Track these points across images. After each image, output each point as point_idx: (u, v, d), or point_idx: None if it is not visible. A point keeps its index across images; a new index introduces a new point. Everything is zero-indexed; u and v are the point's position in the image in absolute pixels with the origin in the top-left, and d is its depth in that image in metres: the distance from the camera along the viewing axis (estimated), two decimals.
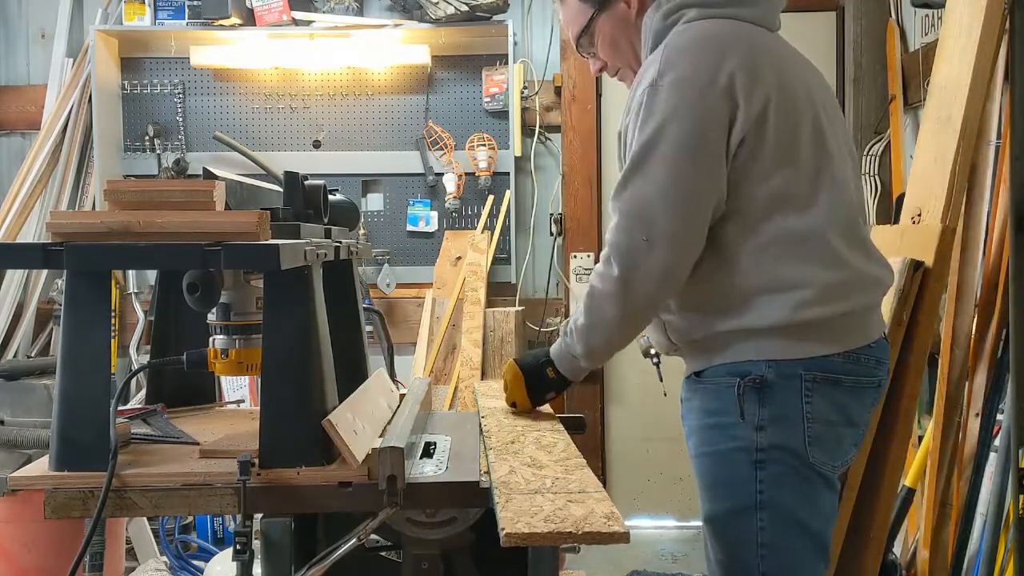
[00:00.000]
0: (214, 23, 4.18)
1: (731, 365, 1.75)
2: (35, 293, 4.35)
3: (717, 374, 1.77)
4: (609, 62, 1.96)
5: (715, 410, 1.77)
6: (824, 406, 1.72)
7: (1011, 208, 2.52)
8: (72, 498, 1.49)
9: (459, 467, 1.60)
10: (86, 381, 1.50)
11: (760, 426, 1.72)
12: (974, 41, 2.59)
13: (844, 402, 1.75)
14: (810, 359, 1.72)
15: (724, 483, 1.76)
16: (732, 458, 1.74)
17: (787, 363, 1.71)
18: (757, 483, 1.72)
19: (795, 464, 1.72)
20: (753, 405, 1.72)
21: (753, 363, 1.72)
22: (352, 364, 1.89)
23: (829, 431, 1.73)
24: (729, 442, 1.74)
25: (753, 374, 1.72)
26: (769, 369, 1.72)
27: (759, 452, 1.72)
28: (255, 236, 1.45)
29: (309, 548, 1.73)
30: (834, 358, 1.73)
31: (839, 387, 1.74)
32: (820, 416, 1.72)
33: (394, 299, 4.43)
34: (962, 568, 2.75)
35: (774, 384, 1.72)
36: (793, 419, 1.72)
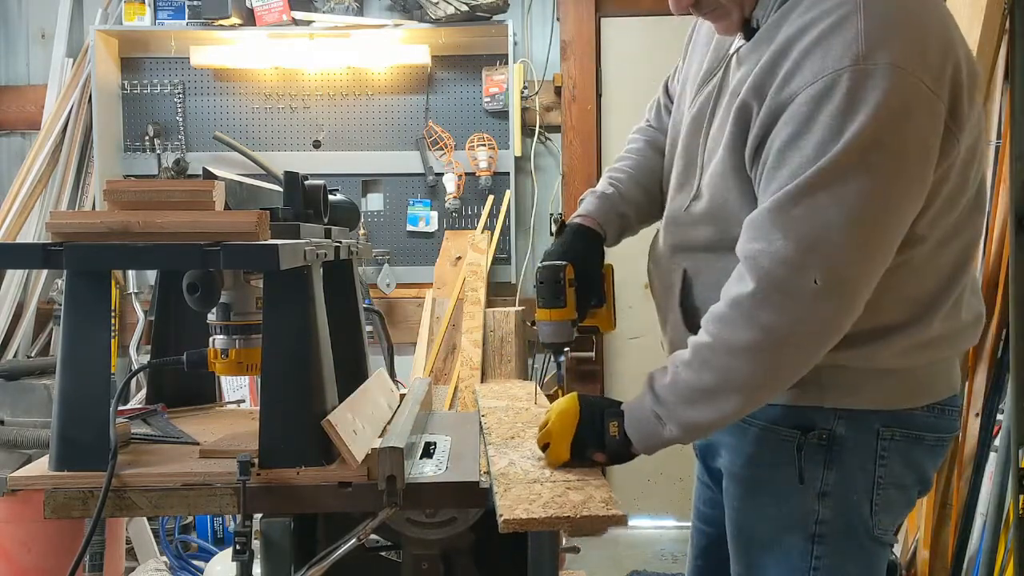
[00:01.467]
0: (214, 23, 4.18)
1: (789, 409, 1.42)
2: (35, 293, 4.35)
3: (769, 417, 1.44)
4: None
5: (764, 462, 1.46)
6: (900, 468, 1.42)
7: (1011, 208, 2.52)
8: (72, 498, 1.49)
9: (459, 467, 1.60)
10: (86, 381, 1.50)
11: (823, 492, 1.41)
12: (974, 41, 2.59)
13: (922, 462, 1.45)
14: (889, 411, 1.40)
15: (768, 552, 1.47)
16: (782, 526, 1.45)
17: (861, 415, 1.40)
18: (812, 559, 1.43)
19: (858, 537, 1.43)
20: (817, 468, 1.41)
21: (819, 411, 1.40)
22: (352, 364, 1.89)
23: (900, 496, 1.45)
24: (781, 507, 1.45)
25: (819, 427, 1.40)
26: (839, 422, 1.40)
27: (818, 525, 1.42)
28: (255, 236, 1.45)
29: (309, 548, 1.73)
30: (917, 410, 1.42)
31: (920, 445, 1.43)
32: (894, 480, 1.42)
33: (394, 299, 4.43)
34: (962, 568, 2.75)
35: (845, 441, 1.40)
36: (862, 486, 1.41)
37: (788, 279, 1.26)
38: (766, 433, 1.45)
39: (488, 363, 4.09)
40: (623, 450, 1.49)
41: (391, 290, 4.43)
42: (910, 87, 1.22)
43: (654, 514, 4.58)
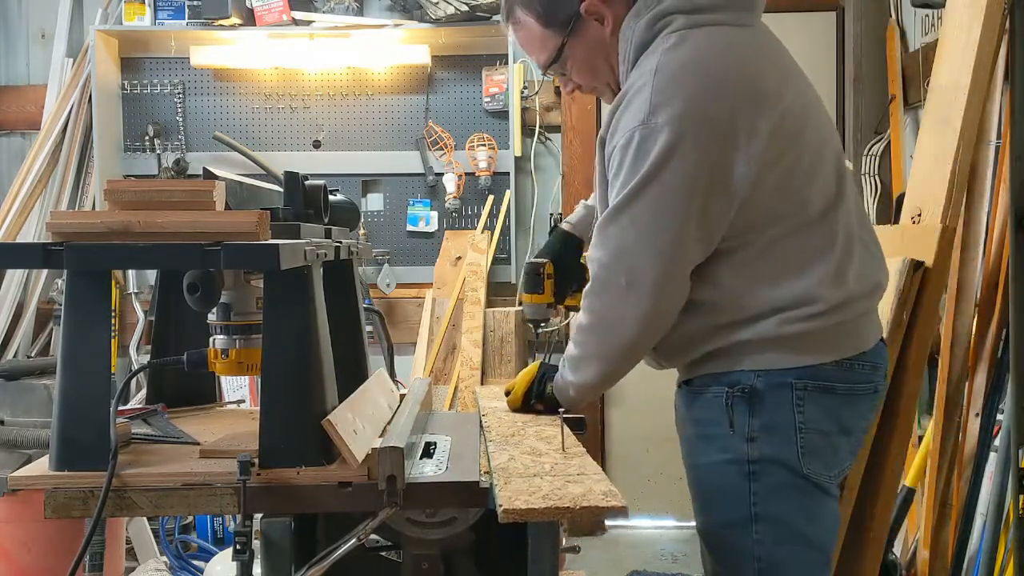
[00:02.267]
0: (214, 23, 4.18)
1: (719, 375, 1.70)
2: (35, 293, 4.36)
3: (704, 383, 1.74)
4: (584, 84, 1.86)
5: (704, 420, 1.73)
6: (817, 415, 1.67)
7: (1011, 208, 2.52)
8: (72, 498, 1.48)
9: (459, 467, 1.60)
10: (86, 381, 1.50)
11: (751, 437, 1.67)
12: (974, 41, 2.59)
13: (838, 410, 1.70)
14: (801, 368, 1.66)
15: (717, 495, 1.73)
16: (723, 470, 1.70)
17: (776, 372, 1.66)
18: (751, 495, 1.68)
19: (789, 476, 1.67)
20: (743, 416, 1.67)
21: (742, 372, 1.68)
22: (352, 364, 1.89)
23: (824, 440, 1.69)
24: (719, 454, 1.70)
25: (742, 384, 1.67)
26: (758, 379, 1.67)
27: (751, 464, 1.67)
28: (255, 236, 1.45)
29: (309, 548, 1.73)
30: (827, 366, 1.67)
31: (833, 395, 1.68)
32: (814, 426, 1.67)
33: (394, 299, 4.43)
34: (962, 568, 2.75)
35: (763, 394, 1.67)
36: (785, 430, 1.67)
37: (606, 279, 1.67)
38: (703, 397, 1.73)
39: (488, 363, 4.10)
40: (553, 403, 1.86)
41: (391, 290, 4.43)
42: (681, 137, 1.57)
43: (654, 514, 4.58)
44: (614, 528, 4.55)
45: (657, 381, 2.28)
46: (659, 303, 1.65)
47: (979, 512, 2.73)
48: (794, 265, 1.66)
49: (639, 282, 1.63)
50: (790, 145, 1.64)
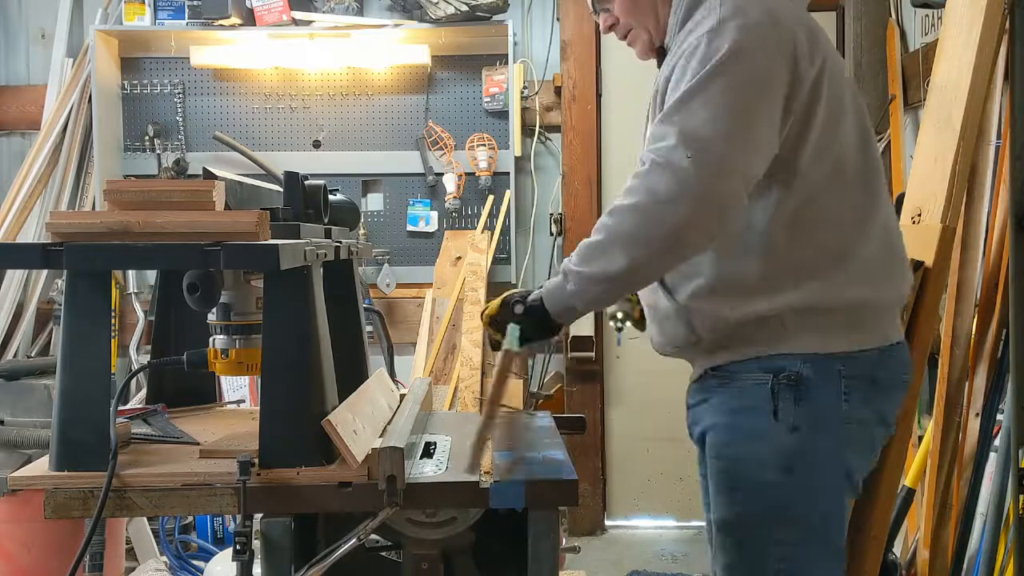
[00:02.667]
0: (214, 23, 4.18)
1: (763, 360, 1.64)
2: (35, 293, 4.35)
3: (746, 369, 1.66)
4: (623, 19, 1.81)
5: (743, 408, 1.66)
6: (860, 406, 1.64)
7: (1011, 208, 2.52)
8: (72, 498, 1.49)
9: (459, 467, 1.60)
10: (86, 381, 1.50)
11: (795, 427, 1.62)
12: (974, 41, 2.58)
13: (881, 401, 1.67)
14: (847, 355, 1.63)
15: (749, 488, 1.66)
16: (760, 462, 1.64)
17: (825, 359, 1.62)
18: (786, 490, 1.62)
19: (827, 470, 1.63)
20: (788, 405, 1.61)
21: (787, 357, 1.62)
22: (352, 364, 1.89)
23: (863, 432, 1.66)
24: (758, 444, 1.64)
25: (788, 370, 1.62)
26: (805, 365, 1.62)
27: (792, 457, 1.62)
28: (255, 236, 1.45)
29: (309, 548, 1.73)
30: (871, 353, 1.65)
31: (876, 385, 1.65)
32: (856, 417, 1.63)
33: (394, 299, 4.43)
34: (962, 568, 2.75)
35: (811, 382, 1.61)
36: (830, 421, 1.62)
37: (669, 156, 1.53)
38: (743, 384, 1.66)
39: (488, 363, 4.09)
40: (537, 305, 1.65)
41: (391, 290, 4.43)
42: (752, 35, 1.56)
43: (654, 514, 4.58)
44: (614, 528, 4.56)
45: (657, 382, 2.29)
46: (720, 186, 1.53)
47: (979, 512, 2.73)
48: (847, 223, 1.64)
49: (706, 159, 1.51)
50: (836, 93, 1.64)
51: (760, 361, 1.64)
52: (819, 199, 1.62)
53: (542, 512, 1.52)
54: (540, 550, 1.51)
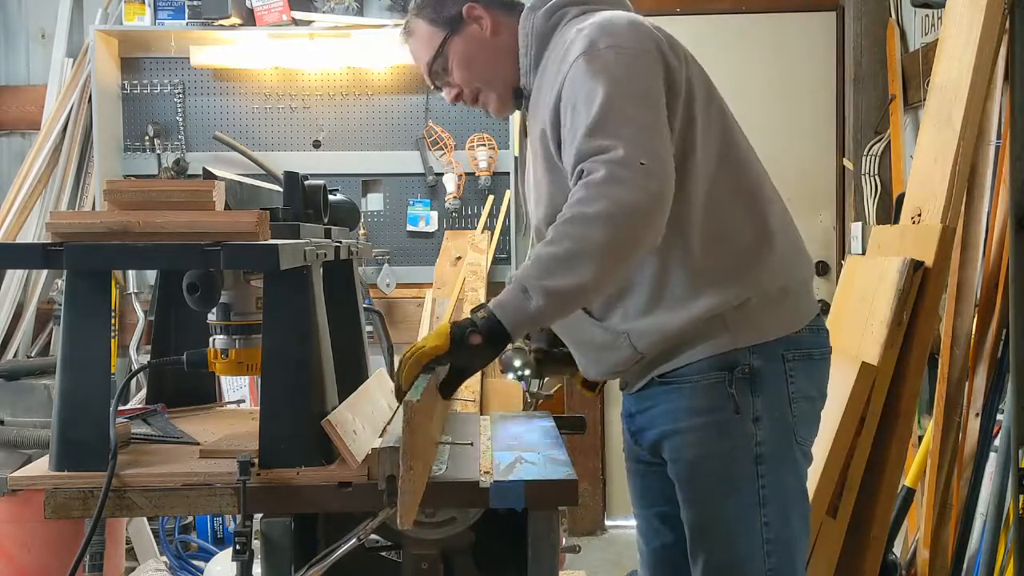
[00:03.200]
0: (214, 23, 4.18)
1: (713, 359, 1.67)
2: (35, 293, 4.35)
3: (696, 371, 1.68)
4: (465, 86, 1.82)
5: (703, 408, 1.68)
6: (804, 382, 1.71)
7: (1011, 208, 2.52)
8: (72, 498, 1.49)
9: (459, 467, 1.60)
10: (86, 381, 1.50)
11: (756, 417, 1.67)
12: (974, 41, 2.59)
13: (818, 376, 1.75)
14: (785, 338, 1.69)
15: (727, 485, 1.69)
16: (733, 458, 1.68)
17: (769, 346, 1.68)
18: (759, 479, 1.68)
19: (787, 450, 1.70)
20: (746, 397, 1.67)
21: (738, 352, 1.67)
22: (352, 364, 1.89)
23: (809, 406, 1.73)
24: (727, 441, 1.68)
25: (741, 364, 1.67)
26: (754, 356, 1.67)
27: (758, 446, 1.67)
28: (255, 236, 1.45)
29: (309, 548, 1.73)
30: (802, 332, 1.72)
31: (811, 361, 1.73)
32: (803, 394, 1.70)
33: (394, 299, 4.43)
34: (962, 568, 2.75)
35: (762, 371, 1.67)
36: (781, 403, 1.69)
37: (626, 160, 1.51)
38: (697, 386, 1.68)
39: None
40: (495, 325, 1.51)
41: (391, 290, 4.43)
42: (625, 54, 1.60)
43: None
44: (614, 528, 4.55)
45: None
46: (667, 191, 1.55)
47: (979, 512, 2.73)
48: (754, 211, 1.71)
49: (655, 168, 1.52)
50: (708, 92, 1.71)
51: (711, 360, 1.67)
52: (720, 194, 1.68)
53: (542, 512, 1.52)
54: (540, 550, 1.51)
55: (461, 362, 1.53)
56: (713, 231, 1.66)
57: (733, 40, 4.47)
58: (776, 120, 4.48)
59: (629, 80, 1.58)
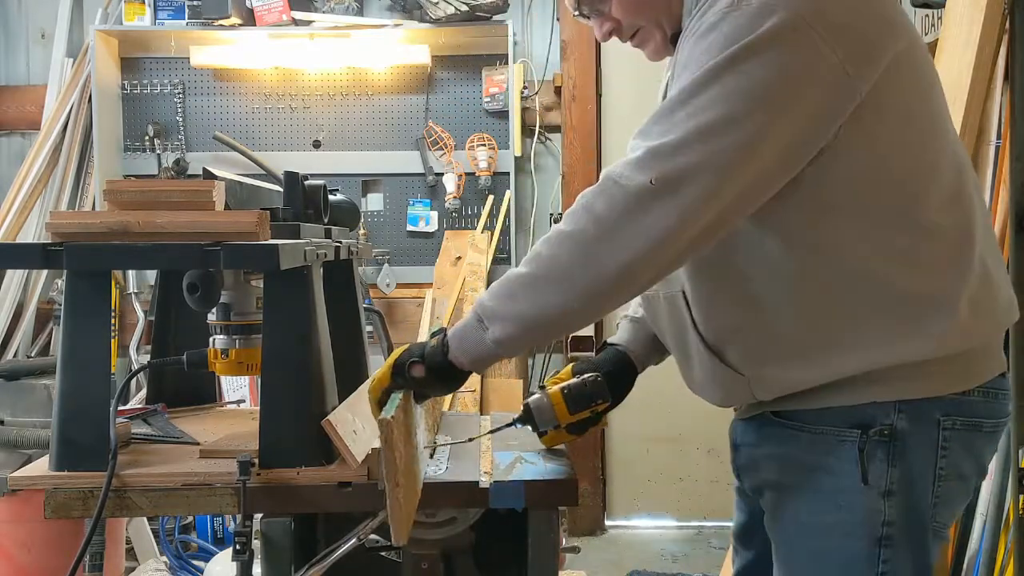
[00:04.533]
0: (214, 23, 4.18)
1: (846, 410, 1.34)
2: (35, 293, 4.35)
3: (825, 420, 1.36)
4: (625, 20, 1.46)
5: (822, 467, 1.37)
6: (960, 458, 1.37)
7: (1011, 208, 2.52)
8: (72, 498, 1.49)
9: (459, 467, 1.60)
10: (86, 381, 1.50)
11: (888, 492, 1.34)
12: (974, 41, 2.59)
13: (982, 450, 1.40)
14: (947, 399, 1.35)
15: (832, 564, 1.38)
16: (847, 533, 1.36)
17: (922, 405, 1.34)
18: (880, 563, 1.35)
19: (920, 534, 1.37)
20: (881, 466, 1.33)
21: (878, 406, 1.34)
22: (352, 364, 1.89)
23: (961, 486, 1.40)
24: (844, 513, 1.35)
25: (880, 423, 1.33)
26: (900, 416, 1.33)
27: (885, 527, 1.35)
28: (255, 236, 1.45)
29: (309, 548, 1.73)
30: (973, 395, 1.36)
31: (979, 433, 1.37)
32: (955, 471, 1.37)
33: (394, 299, 4.43)
34: (962, 568, 2.75)
35: (907, 436, 1.34)
36: (925, 479, 1.35)
37: (628, 177, 1.25)
38: (820, 436, 1.37)
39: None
40: (440, 356, 1.34)
41: (391, 290, 4.43)
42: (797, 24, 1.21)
43: (654, 514, 4.58)
44: (614, 528, 4.55)
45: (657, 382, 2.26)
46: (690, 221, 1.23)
47: (979, 512, 2.73)
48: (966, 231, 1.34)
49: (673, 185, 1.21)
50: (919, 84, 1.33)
51: (842, 412, 1.35)
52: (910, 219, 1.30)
53: (542, 512, 1.52)
54: (540, 550, 1.51)
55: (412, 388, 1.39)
56: (883, 268, 1.31)
57: None
58: None
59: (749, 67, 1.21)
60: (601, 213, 1.25)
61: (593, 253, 1.25)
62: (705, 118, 1.22)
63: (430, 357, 1.37)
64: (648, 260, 1.25)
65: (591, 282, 1.27)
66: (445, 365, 1.35)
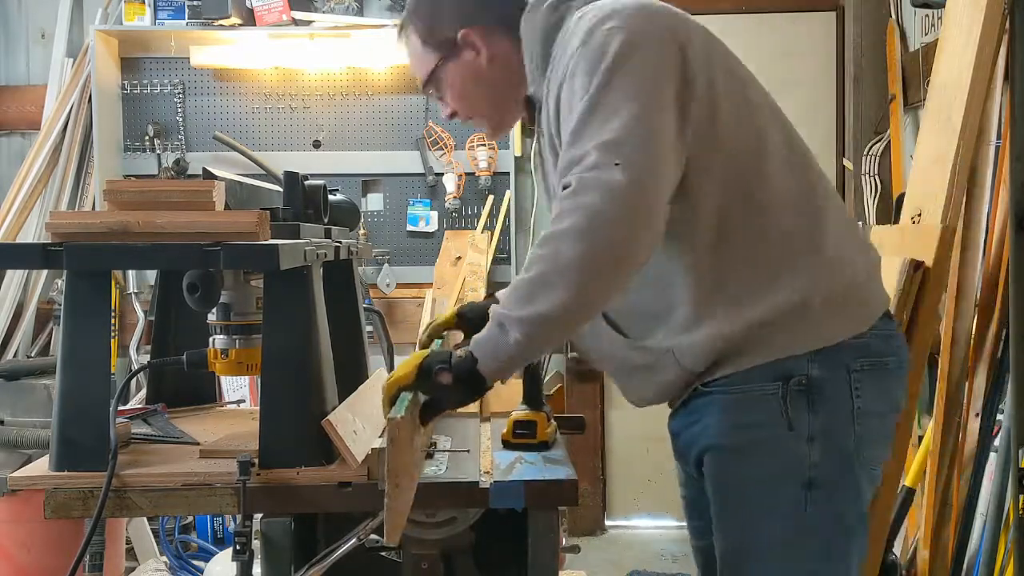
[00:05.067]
0: (214, 23, 4.18)
1: (766, 368, 1.48)
2: (35, 293, 4.35)
3: (748, 379, 1.49)
4: (459, 110, 1.71)
5: (750, 423, 1.49)
6: (873, 397, 1.50)
7: (1011, 208, 2.51)
8: (72, 498, 1.49)
9: (459, 467, 1.60)
10: (86, 381, 1.50)
11: (811, 436, 1.47)
12: (974, 41, 2.58)
13: (892, 388, 1.54)
14: (854, 344, 1.49)
15: (768, 512, 1.49)
16: (777, 480, 1.48)
17: (832, 353, 1.47)
18: (807, 505, 1.47)
19: (847, 475, 1.49)
20: (802, 413, 1.47)
21: (796, 360, 1.47)
22: (352, 364, 1.89)
23: (880, 424, 1.53)
24: (773, 461, 1.48)
25: (797, 374, 1.47)
26: (814, 365, 1.47)
27: (811, 469, 1.47)
28: (255, 236, 1.45)
29: (309, 548, 1.73)
30: (871, 338, 1.50)
31: (887, 371, 1.52)
32: (871, 409, 1.49)
33: (394, 299, 4.43)
34: (962, 568, 2.75)
35: (823, 382, 1.47)
36: (844, 420, 1.48)
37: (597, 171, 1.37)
38: (745, 397, 1.50)
39: None
40: (469, 364, 1.40)
41: (391, 290, 4.43)
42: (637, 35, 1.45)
43: (654, 514, 4.58)
44: (614, 528, 4.55)
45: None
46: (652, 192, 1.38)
47: (979, 512, 2.73)
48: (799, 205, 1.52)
49: (635, 165, 1.36)
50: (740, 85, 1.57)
51: (763, 369, 1.48)
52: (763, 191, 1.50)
53: (542, 512, 1.53)
54: (540, 550, 1.51)
55: (432, 395, 1.45)
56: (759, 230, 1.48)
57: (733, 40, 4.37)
58: None
59: (625, 72, 1.41)
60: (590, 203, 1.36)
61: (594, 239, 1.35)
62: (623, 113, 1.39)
63: (458, 366, 1.41)
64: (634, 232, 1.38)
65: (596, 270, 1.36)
66: (473, 374, 1.41)
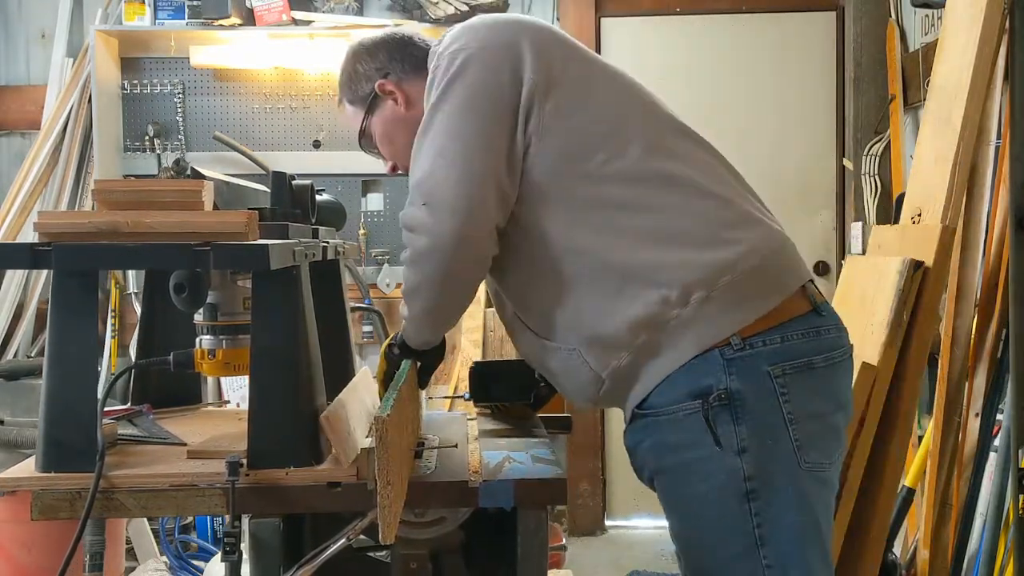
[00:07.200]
0: (214, 23, 4.17)
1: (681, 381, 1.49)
2: (35, 293, 4.35)
3: (670, 400, 1.50)
4: (396, 161, 1.83)
5: (682, 444, 1.50)
6: (805, 398, 1.47)
7: (1011, 208, 2.51)
8: (60, 499, 1.48)
9: (448, 467, 1.60)
10: (73, 382, 1.49)
11: (742, 448, 1.46)
12: (974, 41, 2.57)
13: (826, 386, 1.52)
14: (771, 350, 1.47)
15: (715, 528, 1.51)
16: (719, 497, 1.48)
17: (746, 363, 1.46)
18: (753, 517, 1.47)
19: (787, 481, 1.47)
20: (727, 427, 1.46)
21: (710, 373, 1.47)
22: (339, 363, 1.88)
23: (820, 425, 1.50)
24: (709, 480, 1.48)
25: (716, 389, 1.46)
26: (732, 377, 1.46)
27: (748, 481, 1.46)
28: (244, 236, 1.45)
29: (297, 548, 1.72)
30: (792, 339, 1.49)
31: (814, 371, 1.49)
32: (805, 411, 1.47)
33: (394, 299, 4.42)
34: (962, 568, 2.74)
35: (743, 393, 1.46)
36: (776, 427, 1.46)
37: (412, 210, 1.56)
38: (673, 418, 1.51)
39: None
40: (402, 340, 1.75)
41: (391, 290, 4.41)
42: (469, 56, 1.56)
43: (654, 514, 4.56)
44: (614, 528, 4.55)
45: None
46: (463, 222, 1.51)
47: (979, 512, 2.72)
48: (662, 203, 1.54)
49: (438, 202, 1.51)
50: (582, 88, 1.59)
51: (680, 385, 1.49)
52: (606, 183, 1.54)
53: (531, 511, 1.52)
54: (529, 549, 1.50)
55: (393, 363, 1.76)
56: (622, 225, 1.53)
57: (733, 40, 4.45)
58: (776, 120, 4.47)
59: (451, 95, 1.55)
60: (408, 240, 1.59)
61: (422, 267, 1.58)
62: (438, 142, 1.55)
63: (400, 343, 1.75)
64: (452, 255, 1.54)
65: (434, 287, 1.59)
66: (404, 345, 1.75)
